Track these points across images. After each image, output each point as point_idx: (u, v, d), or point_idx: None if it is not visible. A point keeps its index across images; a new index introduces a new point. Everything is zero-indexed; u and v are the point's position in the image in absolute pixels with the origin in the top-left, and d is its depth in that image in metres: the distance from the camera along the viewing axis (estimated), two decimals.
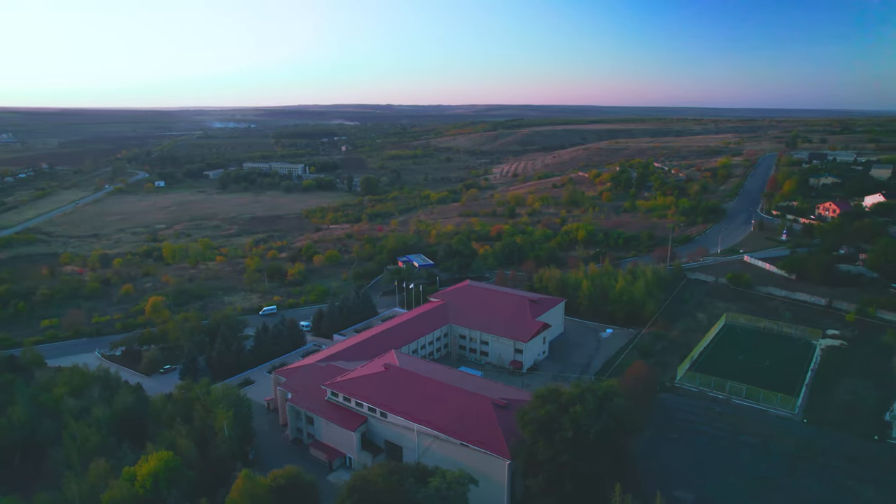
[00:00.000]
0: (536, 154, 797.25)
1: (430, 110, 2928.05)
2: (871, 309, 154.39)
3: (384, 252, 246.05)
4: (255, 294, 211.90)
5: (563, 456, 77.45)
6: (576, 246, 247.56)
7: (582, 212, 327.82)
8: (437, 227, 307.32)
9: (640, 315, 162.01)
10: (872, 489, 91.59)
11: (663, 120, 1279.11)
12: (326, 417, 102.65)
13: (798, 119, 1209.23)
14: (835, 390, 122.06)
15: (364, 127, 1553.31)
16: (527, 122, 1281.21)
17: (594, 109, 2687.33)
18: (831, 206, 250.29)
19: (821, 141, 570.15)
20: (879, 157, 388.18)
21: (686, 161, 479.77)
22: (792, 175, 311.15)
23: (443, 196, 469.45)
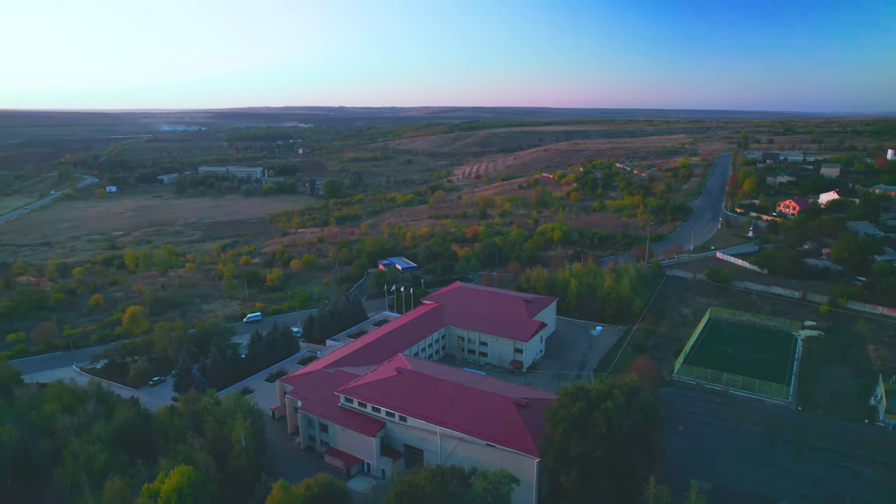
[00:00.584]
0: (496, 155, 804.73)
1: (383, 112, 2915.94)
2: (842, 300, 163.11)
3: (363, 255, 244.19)
4: (234, 301, 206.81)
5: (597, 451, 79.09)
6: (552, 246, 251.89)
7: (552, 212, 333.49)
8: (410, 230, 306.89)
9: (628, 312, 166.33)
10: (871, 469, 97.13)
11: (616, 121, 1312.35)
12: (342, 424, 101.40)
13: (742, 120, 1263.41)
14: (820, 378, 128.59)
15: (318, 129, 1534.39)
16: (483, 123, 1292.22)
17: (547, 111, 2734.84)
18: (791, 203, 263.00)
19: (768, 141, 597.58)
20: (826, 157, 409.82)
21: (646, 161, 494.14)
22: (751, 174, 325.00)
23: (409, 198, 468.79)
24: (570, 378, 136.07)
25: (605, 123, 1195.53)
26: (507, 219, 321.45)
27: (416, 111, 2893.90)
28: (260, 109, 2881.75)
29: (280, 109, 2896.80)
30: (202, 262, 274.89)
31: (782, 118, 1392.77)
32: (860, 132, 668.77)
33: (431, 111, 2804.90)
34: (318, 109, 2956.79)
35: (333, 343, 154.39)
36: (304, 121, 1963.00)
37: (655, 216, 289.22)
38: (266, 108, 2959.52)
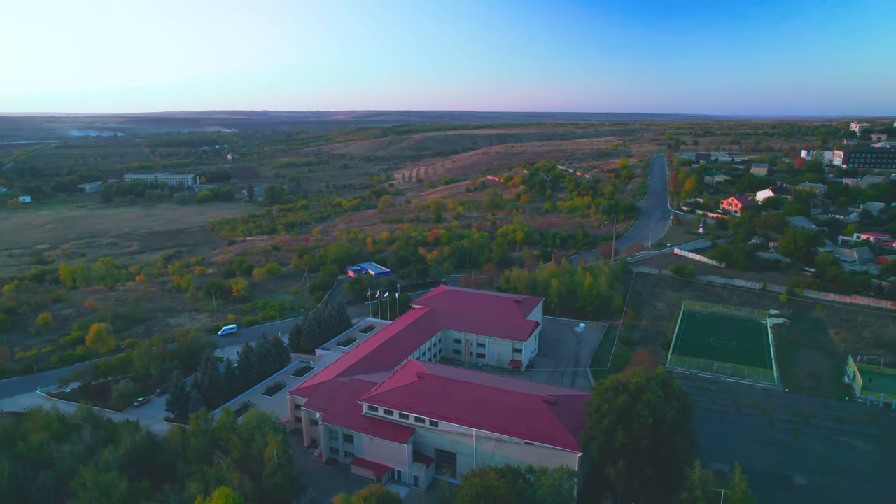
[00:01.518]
0: (434, 159, 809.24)
1: (308, 116, 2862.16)
2: (798, 290, 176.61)
3: (328, 262, 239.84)
4: (201, 314, 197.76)
5: (643, 441, 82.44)
6: (516, 247, 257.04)
7: (506, 214, 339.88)
8: (368, 235, 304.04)
9: (608, 309, 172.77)
10: (863, 442, 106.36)
11: (544, 125, 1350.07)
12: (370, 433, 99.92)
13: (663, 123, 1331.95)
14: (796, 362, 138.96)
15: (244, 134, 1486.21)
16: (416, 127, 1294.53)
17: (474, 115, 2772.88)
18: (734, 201, 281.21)
19: (693, 143, 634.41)
20: (752, 157, 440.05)
21: (585, 163, 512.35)
22: (690, 174, 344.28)
23: (356, 203, 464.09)
24: (567, 375, 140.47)
25: (536, 127, 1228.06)
26: (464, 221, 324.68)
27: (343, 115, 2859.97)
28: (178, 114, 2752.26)
29: (200, 114, 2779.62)
30: (151, 274, 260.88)
31: (696, 121, 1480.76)
32: (770, 134, 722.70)
33: (358, 115, 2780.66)
34: (240, 114, 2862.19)
35: (323, 353, 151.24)
36: (228, 125, 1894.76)
37: (608, 216, 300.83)
38: (185, 113, 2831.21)
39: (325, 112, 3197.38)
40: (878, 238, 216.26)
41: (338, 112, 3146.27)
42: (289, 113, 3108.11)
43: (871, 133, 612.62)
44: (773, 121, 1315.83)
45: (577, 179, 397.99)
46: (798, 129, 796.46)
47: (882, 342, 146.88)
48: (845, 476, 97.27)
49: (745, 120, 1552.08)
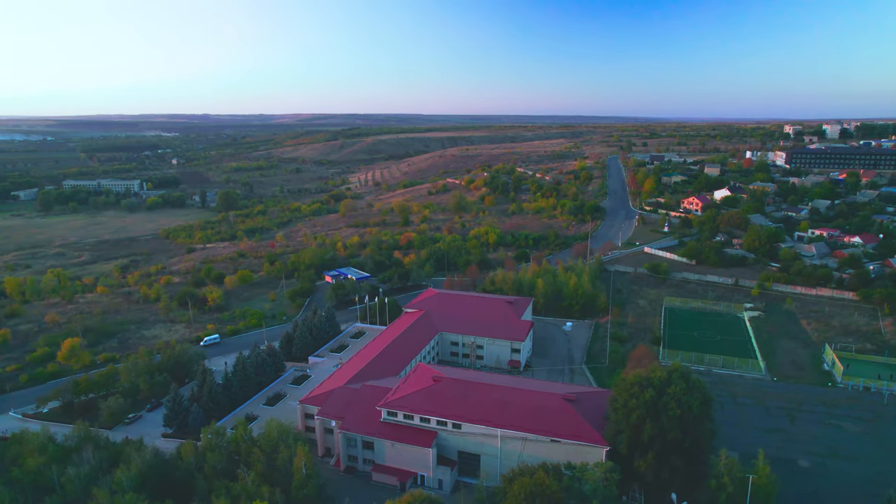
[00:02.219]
0: (388, 162, 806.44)
1: (252, 119, 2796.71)
2: (768, 284, 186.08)
3: (301, 267, 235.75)
4: (177, 324, 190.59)
5: (671, 433, 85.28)
6: (489, 249, 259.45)
7: (473, 216, 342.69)
8: (338, 239, 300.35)
9: (593, 307, 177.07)
10: (852, 423, 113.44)
11: (493, 127, 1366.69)
12: (392, 438, 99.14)
13: (608, 125, 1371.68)
14: (777, 352, 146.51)
15: (186, 138, 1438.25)
16: (367, 130, 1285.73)
17: (421, 118, 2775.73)
18: (694, 200, 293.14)
19: (642, 144, 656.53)
20: (703, 158, 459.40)
21: (542, 165, 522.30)
22: (649, 175, 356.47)
23: (316, 208, 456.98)
24: (564, 373, 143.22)
25: (485, 129, 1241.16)
26: (433, 224, 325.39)
27: (288, 118, 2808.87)
28: (113, 118, 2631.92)
29: (137, 118, 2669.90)
30: (110, 284, 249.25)
31: (639, 123, 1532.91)
32: (712, 135, 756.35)
33: (304, 119, 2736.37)
34: (180, 117, 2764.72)
35: (317, 360, 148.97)
36: (168, 129, 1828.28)
37: (575, 217, 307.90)
38: (120, 117, 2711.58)
39: (269, 115, 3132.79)
40: (830, 234, 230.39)
41: (282, 115, 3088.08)
42: (231, 116, 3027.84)
43: (803, 135, 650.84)
44: (711, 123, 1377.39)
45: (540, 181, 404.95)
46: (736, 131, 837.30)
47: (850, 331, 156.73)
48: (843, 456, 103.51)
49: (684, 122, 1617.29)
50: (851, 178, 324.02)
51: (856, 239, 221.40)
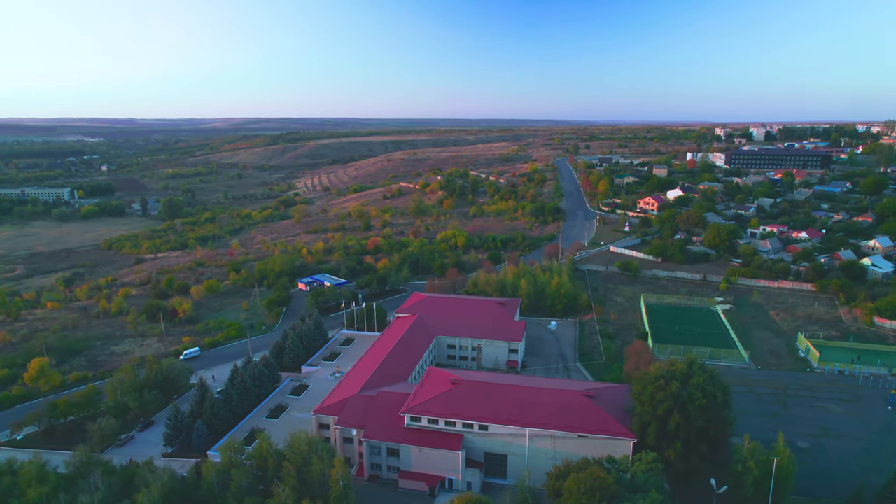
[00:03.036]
0: (333, 167, 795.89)
1: (182, 124, 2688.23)
2: (734, 278, 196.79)
3: (271, 275, 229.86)
4: (149, 339, 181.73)
5: (697, 422, 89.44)
6: (458, 252, 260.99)
7: (434, 220, 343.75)
8: (299, 245, 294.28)
9: (575, 306, 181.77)
10: (835, 405, 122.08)
11: (434, 130, 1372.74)
12: (419, 444, 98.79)
13: (547, 128, 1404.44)
14: (754, 342, 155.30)
15: (113, 143, 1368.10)
16: (308, 135, 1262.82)
17: (358, 122, 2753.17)
18: (650, 200, 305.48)
19: (585, 147, 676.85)
20: (647, 160, 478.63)
21: (494, 168, 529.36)
22: (602, 176, 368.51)
23: (268, 214, 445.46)
24: (560, 371, 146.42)
25: (427, 133, 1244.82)
26: (397, 228, 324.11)
27: (220, 123, 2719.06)
28: (25, 121, 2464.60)
29: (53, 121, 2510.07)
30: (58, 299, 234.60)
31: (575, 126, 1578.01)
32: (648, 138, 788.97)
33: (236, 123, 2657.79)
34: (101, 121, 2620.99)
35: (311, 369, 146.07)
36: (90, 134, 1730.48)
37: (536, 218, 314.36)
38: (34, 121, 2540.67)
39: (199, 120, 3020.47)
40: (780, 230, 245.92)
41: (214, 120, 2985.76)
42: (158, 121, 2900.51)
43: (733, 137, 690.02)
44: (644, 126, 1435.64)
45: (496, 184, 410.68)
46: (669, 133, 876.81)
47: (814, 319, 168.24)
48: (834, 435, 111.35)
49: (617, 125, 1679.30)
50: (787, 178, 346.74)
51: (803, 234, 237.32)
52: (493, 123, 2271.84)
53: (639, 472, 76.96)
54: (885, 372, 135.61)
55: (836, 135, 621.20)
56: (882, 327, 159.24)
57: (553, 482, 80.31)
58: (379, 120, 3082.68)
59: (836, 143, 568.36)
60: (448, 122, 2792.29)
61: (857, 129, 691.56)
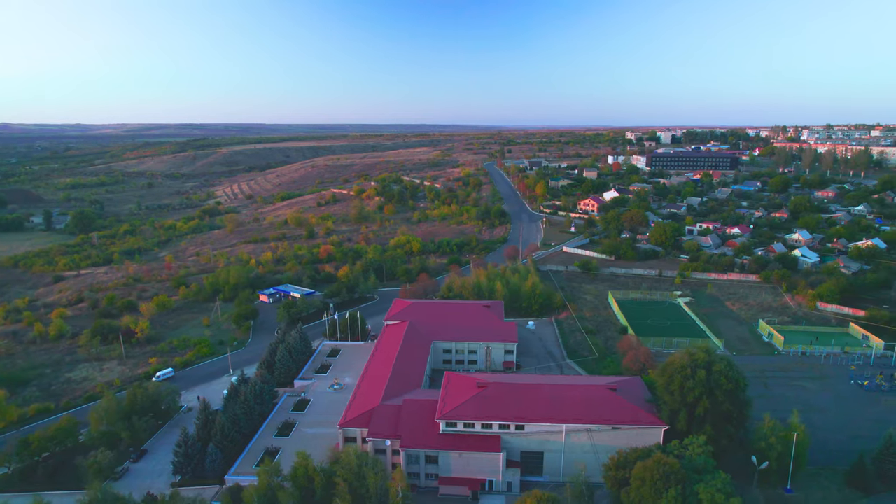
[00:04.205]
0: (251, 174, 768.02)
1: (68, 130, 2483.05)
2: (687, 273, 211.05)
3: (226, 288, 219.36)
4: (108, 362, 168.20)
5: (724, 406, 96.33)
6: (413, 258, 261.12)
7: (379, 226, 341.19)
8: (243, 256, 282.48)
9: (550, 305, 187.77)
10: (809, 382, 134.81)
11: (349, 136, 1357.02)
12: (458, 449, 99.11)
13: (459, 133, 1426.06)
14: (722, 330, 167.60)
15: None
16: (218, 141, 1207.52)
17: (263, 127, 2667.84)
18: (590, 201, 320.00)
19: (507, 151, 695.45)
20: (572, 163, 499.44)
21: (424, 173, 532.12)
22: (539, 180, 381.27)
23: (195, 224, 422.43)
24: (553, 369, 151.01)
25: (344, 139, 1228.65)
26: (343, 235, 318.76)
27: (113, 128, 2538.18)
28: None
29: None
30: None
31: (487, 131, 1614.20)
32: (564, 142, 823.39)
33: (132, 129, 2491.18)
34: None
35: (304, 382, 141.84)
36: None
37: (483, 221, 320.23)
38: None
39: (88, 125, 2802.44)
40: (714, 226, 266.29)
41: (105, 125, 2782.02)
42: (39, 126, 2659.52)
43: (643, 141, 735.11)
44: (552, 130, 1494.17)
45: (436, 189, 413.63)
46: (582, 137, 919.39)
47: (765, 307, 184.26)
48: (816, 409, 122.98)
49: (526, 129, 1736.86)
50: (706, 178, 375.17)
51: (735, 230, 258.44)
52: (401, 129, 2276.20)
53: (695, 455, 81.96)
54: (838, 350, 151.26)
55: (733, 138, 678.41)
56: (824, 311, 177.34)
57: (614, 472, 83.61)
58: (286, 126, 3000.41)
59: (735, 146, 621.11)
60: (356, 127, 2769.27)
61: (748, 133, 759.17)
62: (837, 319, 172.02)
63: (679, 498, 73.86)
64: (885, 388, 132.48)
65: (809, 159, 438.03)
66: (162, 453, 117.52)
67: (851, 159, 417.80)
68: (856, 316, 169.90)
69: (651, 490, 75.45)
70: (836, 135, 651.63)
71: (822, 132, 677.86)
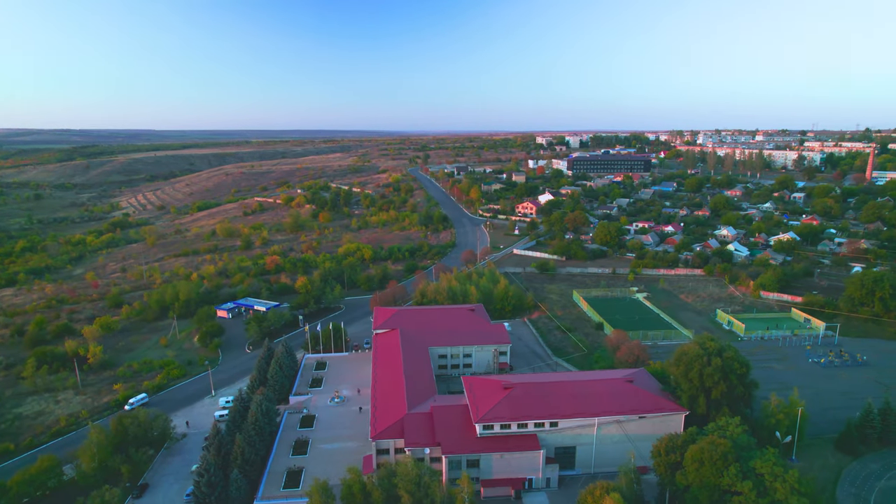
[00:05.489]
0: (156, 183, 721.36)
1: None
2: (638, 270, 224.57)
3: (176, 305, 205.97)
4: (62, 393, 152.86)
5: (737, 389, 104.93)
6: (367, 264, 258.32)
7: (318, 234, 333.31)
8: (180, 270, 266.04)
9: (521, 306, 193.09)
10: (776, 363, 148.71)
11: (253, 142, 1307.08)
12: (500, 450, 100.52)
13: (369, 138, 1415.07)
14: (685, 321, 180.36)
15: None
16: (114, 149, 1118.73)
17: (153, 134, 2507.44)
18: (528, 204, 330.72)
19: (425, 157, 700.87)
20: (500, 167, 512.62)
21: (349, 179, 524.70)
22: (472, 184, 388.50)
23: (108, 238, 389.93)
24: (543, 368, 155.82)
25: (250, 146, 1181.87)
26: (283, 245, 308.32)
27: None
28: None
29: None
30: None
31: (389, 136, 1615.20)
32: (476, 147, 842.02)
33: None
34: None
35: (300, 398, 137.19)
36: None
37: (426, 227, 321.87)
38: None
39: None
40: (650, 225, 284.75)
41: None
42: None
43: (553, 145, 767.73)
44: (462, 136, 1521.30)
45: (371, 196, 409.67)
46: (493, 143, 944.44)
47: (715, 298, 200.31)
48: (791, 387, 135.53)
49: (432, 134, 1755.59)
50: (627, 181, 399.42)
51: (668, 228, 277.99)
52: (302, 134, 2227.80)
53: (736, 434, 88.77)
54: (789, 333, 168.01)
55: (636, 142, 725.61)
56: (767, 299, 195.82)
57: (664, 457, 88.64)
58: (178, 132, 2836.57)
59: (641, 150, 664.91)
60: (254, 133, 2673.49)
61: (649, 137, 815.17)
62: (779, 306, 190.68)
63: (739, 474, 79.96)
64: (838, 364, 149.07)
65: (713, 162, 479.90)
66: (166, 485, 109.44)
67: (748, 161, 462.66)
68: (794, 302, 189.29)
69: (712, 469, 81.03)
70: (726, 139, 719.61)
71: (714, 136, 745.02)
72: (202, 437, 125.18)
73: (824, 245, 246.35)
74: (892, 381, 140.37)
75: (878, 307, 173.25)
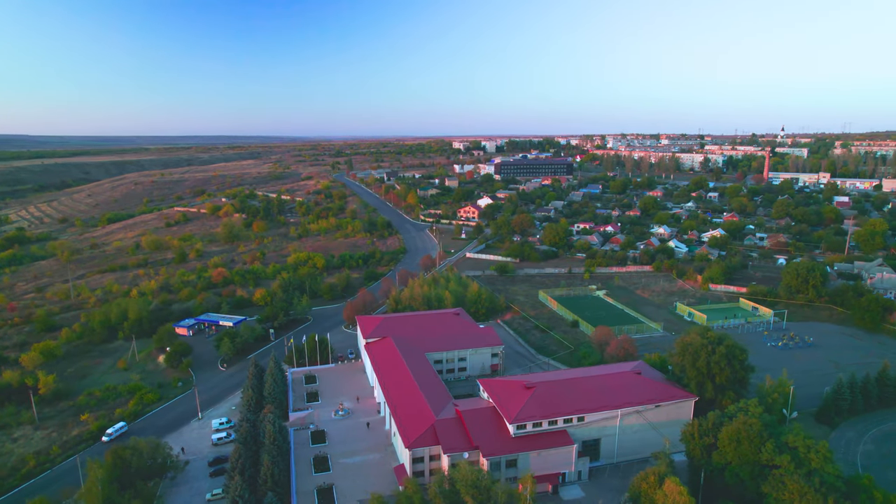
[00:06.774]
0: (48, 193, 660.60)
1: None
2: (592, 269, 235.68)
3: (126, 325, 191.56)
4: (15, 429, 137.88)
5: (739, 373, 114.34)
6: (321, 273, 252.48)
7: (257, 244, 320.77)
8: (114, 287, 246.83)
9: (494, 308, 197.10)
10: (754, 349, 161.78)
11: (154, 149, 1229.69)
12: (536, 448, 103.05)
13: (277, 144, 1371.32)
14: (648, 315, 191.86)
15: None
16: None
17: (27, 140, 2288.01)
18: (470, 208, 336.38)
19: (345, 162, 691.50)
20: (427, 172, 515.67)
21: (268, 186, 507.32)
22: (409, 190, 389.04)
23: (10, 255, 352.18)
24: (534, 367, 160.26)
25: (151, 152, 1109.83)
26: (223, 256, 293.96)
27: None
28: None
29: None
30: None
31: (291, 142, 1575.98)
32: (397, 153, 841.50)
33: None
34: None
35: (300, 414, 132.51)
36: None
37: (370, 233, 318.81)
38: None
39: None
40: (591, 226, 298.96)
41: None
42: None
43: (471, 150, 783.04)
44: (368, 140, 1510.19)
45: (306, 203, 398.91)
46: (407, 148, 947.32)
47: (668, 292, 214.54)
48: (762, 370, 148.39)
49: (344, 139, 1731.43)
50: (556, 184, 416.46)
51: (609, 228, 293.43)
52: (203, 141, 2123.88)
53: (759, 414, 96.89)
54: (743, 321, 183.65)
55: (549, 146, 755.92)
56: (715, 291, 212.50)
57: (698, 440, 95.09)
58: (58, 137, 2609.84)
59: (557, 154, 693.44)
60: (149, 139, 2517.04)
61: (560, 141, 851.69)
62: (727, 297, 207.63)
63: (775, 449, 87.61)
64: (792, 346, 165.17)
65: (630, 165, 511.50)
66: None
67: (661, 164, 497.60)
68: (740, 292, 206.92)
69: (749, 446, 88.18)
70: (634, 143, 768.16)
71: (622, 140, 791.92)
72: (203, 462, 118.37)
73: (750, 240, 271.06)
74: (840, 358, 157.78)
75: (811, 294, 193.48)
